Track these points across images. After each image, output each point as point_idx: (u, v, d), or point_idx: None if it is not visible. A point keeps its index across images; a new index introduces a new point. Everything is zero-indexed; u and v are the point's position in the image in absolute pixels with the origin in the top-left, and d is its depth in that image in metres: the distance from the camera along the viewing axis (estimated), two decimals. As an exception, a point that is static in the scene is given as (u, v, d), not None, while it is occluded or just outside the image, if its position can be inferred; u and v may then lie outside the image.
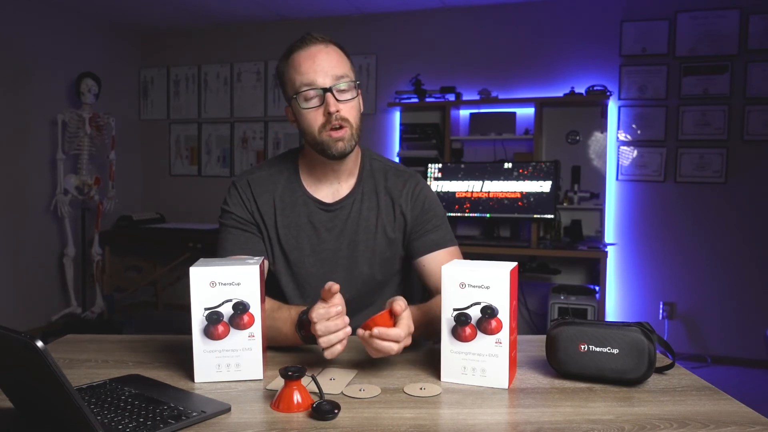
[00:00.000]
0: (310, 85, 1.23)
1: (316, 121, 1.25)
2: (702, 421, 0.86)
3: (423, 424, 0.85)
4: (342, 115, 1.24)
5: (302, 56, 1.25)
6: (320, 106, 1.24)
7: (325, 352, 1.02)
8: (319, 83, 1.23)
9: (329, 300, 1.04)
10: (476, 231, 4.29)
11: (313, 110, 1.25)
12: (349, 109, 1.26)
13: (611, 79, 4.03)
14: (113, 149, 4.49)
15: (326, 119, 1.24)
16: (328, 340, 1.01)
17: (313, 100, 1.25)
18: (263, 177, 1.38)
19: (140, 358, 1.16)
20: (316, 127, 1.25)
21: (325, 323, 1.01)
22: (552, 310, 3.58)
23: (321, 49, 1.26)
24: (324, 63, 1.24)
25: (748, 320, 3.84)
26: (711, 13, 3.84)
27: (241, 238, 1.34)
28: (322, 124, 1.25)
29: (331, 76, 1.24)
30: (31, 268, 4.31)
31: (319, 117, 1.25)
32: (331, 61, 1.25)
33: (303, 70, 1.24)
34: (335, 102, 1.23)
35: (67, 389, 0.70)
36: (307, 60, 1.24)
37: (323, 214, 1.35)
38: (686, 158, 3.92)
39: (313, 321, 1.02)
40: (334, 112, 1.23)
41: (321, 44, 1.26)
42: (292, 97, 1.26)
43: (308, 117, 1.26)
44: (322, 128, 1.25)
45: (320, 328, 1.01)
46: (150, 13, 4.69)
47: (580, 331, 1.02)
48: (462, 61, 4.36)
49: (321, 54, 1.25)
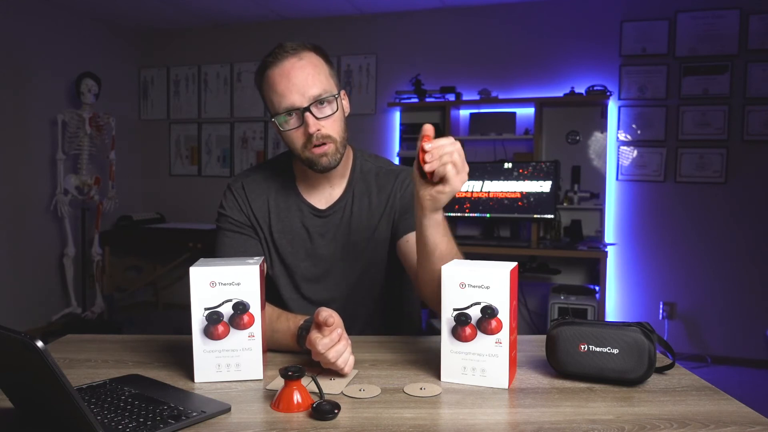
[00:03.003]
0: (288, 107, 1.20)
1: (298, 141, 1.23)
2: (702, 421, 0.86)
3: (423, 424, 0.85)
4: (323, 133, 1.22)
5: (276, 74, 1.21)
6: (300, 126, 1.22)
7: (344, 371, 1.01)
8: (297, 104, 1.19)
9: (325, 328, 1.00)
10: (476, 231, 4.29)
11: (294, 131, 1.22)
12: (331, 123, 1.23)
13: (611, 79, 4.03)
14: (113, 149, 4.49)
15: (307, 138, 1.22)
16: (344, 361, 1.00)
17: (293, 121, 1.22)
18: (258, 180, 1.38)
19: (140, 358, 1.16)
20: (298, 145, 1.24)
21: (334, 350, 0.99)
22: (552, 310, 3.58)
23: (294, 63, 1.20)
24: (299, 81, 1.19)
25: (748, 320, 3.84)
26: (711, 13, 3.84)
27: (238, 242, 1.33)
28: (303, 143, 1.23)
29: (308, 96, 1.19)
30: (31, 268, 4.31)
31: (300, 137, 1.22)
32: (306, 77, 1.20)
33: (279, 90, 1.20)
34: (315, 122, 1.20)
35: (67, 389, 0.70)
36: (281, 79, 1.20)
37: (316, 220, 1.35)
38: (686, 158, 3.92)
39: (319, 352, 0.99)
40: (314, 131, 1.20)
41: (293, 57, 1.21)
42: (272, 118, 1.25)
43: (290, 137, 1.24)
44: (304, 147, 1.23)
45: (332, 356, 0.99)
46: (150, 13, 4.69)
47: (580, 331, 1.02)
48: (462, 61, 4.36)
49: (294, 70, 1.20)
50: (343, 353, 1.00)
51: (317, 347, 0.99)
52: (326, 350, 0.98)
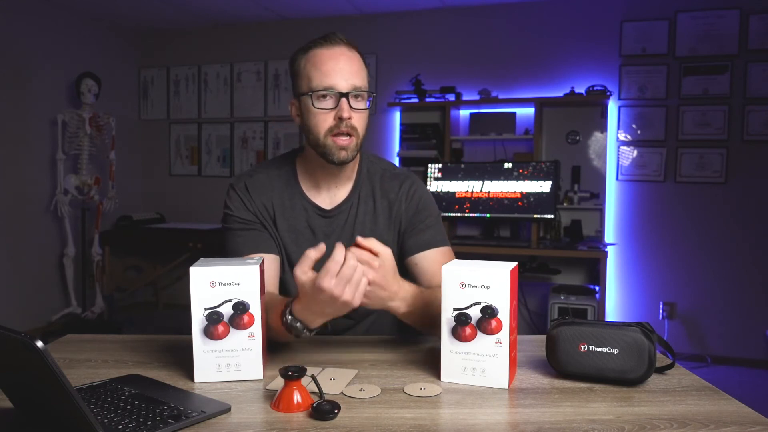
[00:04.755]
0: (329, 86, 1.20)
1: (325, 123, 1.22)
2: (702, 421, 0.86)
3: (423, 424, 0.85)
4: (352, 123, 1.22)
5: (325, 54, 1.22)
6: (332, 110, 1.22)
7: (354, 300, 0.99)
8: (338, 86, 1.20)
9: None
10: (476, 231, 4.29)
11: (325, 112, 1.22)
12: (360, 118, 1.24)
13: (611, 79, 4.03)
14: (113, 149, 4.49)
15: (335, 123, 1.22)
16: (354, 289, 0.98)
17: (327, 102, 1.22)
18: (261, 179, 1.36)
19: (140, 358, 1.16)
20: (323, 129, 1.23)
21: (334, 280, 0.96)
22: (552, 310, 3.58)
23: (345, 52, 1.23)
24: (346, 67, 1.21)
25: (748, 320, 3.84)
26: (711, 13, 3.84)
27: (251, 239, 1.31)
28: (329, 127, 1.22)
29: (350, 83, 1.21)
30: (31, 268, 4.31)
31: (329, 120, 1.22)
32: (353, 66, 1.23)
33: (324, 69, 1.21)
34: (349, 108, 1.21)
35: (67, 389, 0.70)
36: (329, 60, 1.21)
37: (321, 220, 1.34)
38: (686, 158, 3.92)
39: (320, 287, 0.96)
40: (347, 118, 1.20)
41: (345, 47, 1.24)
42: (306, 93, 1.23)
43: (317, 117, 1.23)
44: (328, 132, 1.23)
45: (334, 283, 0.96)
46: (150, 13, 4.69)
47: (580, 331, 1.02)
48: (462, 61, 4.36)
49: (344, 57, 1.22)
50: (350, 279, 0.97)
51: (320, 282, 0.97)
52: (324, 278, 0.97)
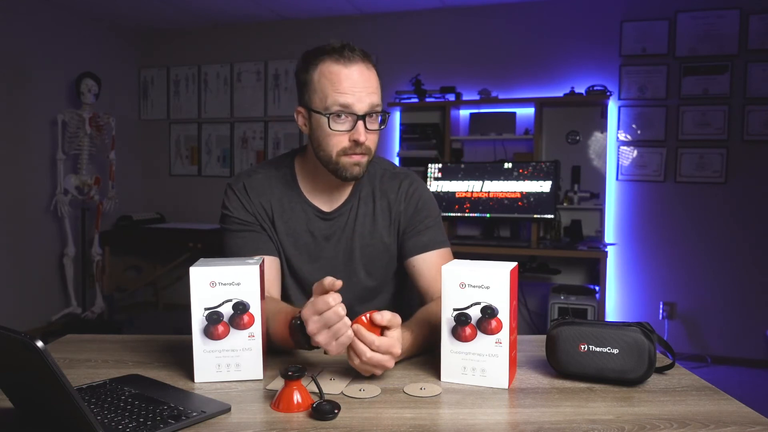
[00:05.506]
0: (345, 107, 1.17)
1: (339, 144, 1.20)
2: (702, 421, 0.86)
3: (423, 424, 0.85)
4: (367, 145, 1.21)
5: (342, 71, 1.18)
6: (348, 131, 1.19)
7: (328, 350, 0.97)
8: (356, 108, 1.17)
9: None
10: (476, 231, 4.29)
11: (340, 134, 1.19)
12: (374, 138, 1.23)
13: (611, 79, 4.03)
14: (113, 149, 4.49)
15: (350, 146, 1.19)
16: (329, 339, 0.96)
17: (343, 124, 1.19)
18: (260, 180, 1.34)
19: (140, 358, 1.16)
20: (336, 149, 1.20)
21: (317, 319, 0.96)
22: (552, 310, 3.58)
23: (363, 69, 1.19)
24: (363, 86, 1.18)
25: (748, 320, 3.84)
26: (711, 13, 3.84)
27: (250, 240, 1.30)
28: (343, 148, 1.20)
29: (368, 104, 1.18)
30: (31, 268, 4.31)
31: (343, 141, 1.19)
32: (371, 86, 1.19)
33: (342, 88, 1.17)
34: (365, 131, 1.18)
35: (67, 389, 0.70)
36: (348, 79, 1.17)
37: (321, 223, 1.33)
38: (686, 158, 3.92)
39: (305, 320, 0.97)
40: (363, 142, 1.19)
41: (363, 64, 1.20)
42: (319, 111, 1.20)
43: (332, 139, 1.20)
44: (342, 152, 1.20)
45: (313, 327, 0.96)
46: (150, 13, 4.69)
47: (580, 331, 1.02)
48: (462, 61, 4.36)
49: (363, 74, 1.19)
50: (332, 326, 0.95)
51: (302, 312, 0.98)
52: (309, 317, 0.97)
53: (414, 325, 1.12)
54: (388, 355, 0.98)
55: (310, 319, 0.96)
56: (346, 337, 0.96)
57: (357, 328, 0.97)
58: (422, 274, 1.31)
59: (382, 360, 0.97)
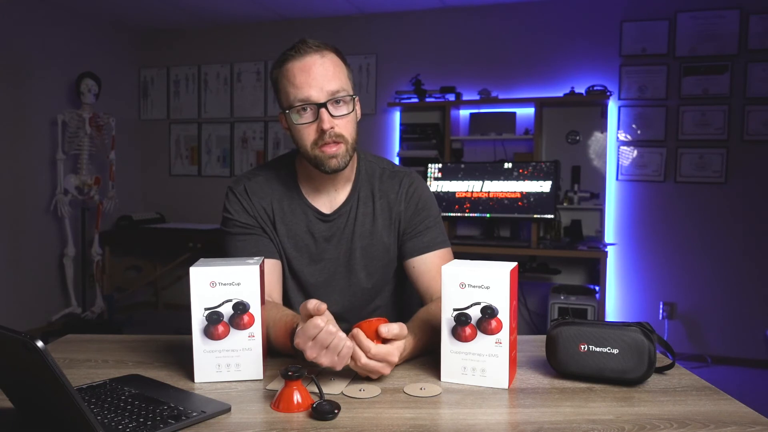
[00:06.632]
0: (304, 100, 1.19)
1: (309, 137, 1.21)
2: (702, 421, 0.86)
3: (423, 424, 0.85)
4: (337, 132, 1.20)
5: (296, 67, 1.19)
6: (314, 122, 1.20)
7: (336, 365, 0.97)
8: (314, 98, 1.18)
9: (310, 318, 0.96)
10: (476, 231, 4.29)
11: (306, 126, 1.21)
12: (345, 124, 1.22)
13: (611, 79, 4.03)
14: (113, 149, 4.49)
15: (319, 135, 1.20)
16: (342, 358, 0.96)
17: (307, 115, 1.20)
18: (261, 182, 1.34)
19: (140, 358, 1.16)
20: (309, 142, 1.22)
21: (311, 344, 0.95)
22: (552, 310, 3.58)
23: (316, 60, 1.20)
24: (319, 76, 1.18)
25: (748, 320, 3.84)
26: (711, 13, 3.84)
27: (253, 243, 1.30)
28: (314, 140, 1.21)
29: (326, 91, 1.19)
30: (31, 268, 4.31)
31: (312, 133, 1.21)
32: (326, 73, 1.19)
33: (297, 83, 1.19)
34: (330, 118, 1.19)
35: (67, 389, 0.70)
36: (301, 73, 1.19)
37: (321, 224, 1.33)
38: (686, 158, 3.92)
39: (301, 350, 0.96)
40: (328, 129, 1.19)
41: (316, 54, 1.20)
42: (286, 110, 1.23)
43: (301, 132, 1.22)
44: (314, 144, 1.21)
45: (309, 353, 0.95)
46: (150, 13, 4.69)
47: (580, 331, 1.02)
48: (462, 61, 4.36)
49: (316, 66, 1.19)
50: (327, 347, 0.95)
51: (296, 341, 0.97)
52: (305, 343, 0.96)
53: (416, 329, 1.12)
54: (384, 363, 0.98)
55: (306, 346, 0.95)
56: (346, 348, 0.95)
57: (356, 332, 0.97)
58: (423, 275, 1.31)
59: (377, 367, 0.98)
